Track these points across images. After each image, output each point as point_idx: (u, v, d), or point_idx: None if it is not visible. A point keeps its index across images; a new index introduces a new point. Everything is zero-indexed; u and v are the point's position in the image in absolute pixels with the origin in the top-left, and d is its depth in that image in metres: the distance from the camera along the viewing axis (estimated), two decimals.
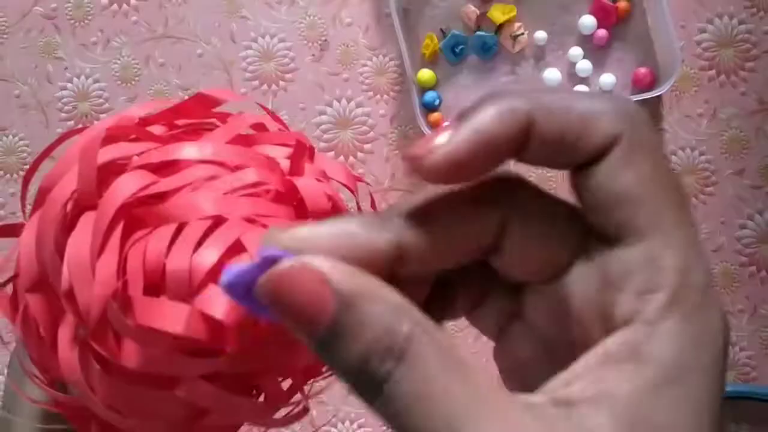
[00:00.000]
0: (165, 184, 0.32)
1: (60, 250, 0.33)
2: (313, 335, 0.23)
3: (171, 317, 0.29)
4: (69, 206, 0.35)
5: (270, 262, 0.24)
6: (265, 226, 0.31)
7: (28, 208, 0.37)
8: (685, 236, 0.25)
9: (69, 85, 0.84)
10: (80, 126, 0.81)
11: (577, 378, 0.24)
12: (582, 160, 0.25)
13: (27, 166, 0.83)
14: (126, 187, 0.31)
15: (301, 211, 0.34)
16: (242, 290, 0.25)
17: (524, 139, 0.25)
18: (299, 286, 0.23)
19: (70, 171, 0.34)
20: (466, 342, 0.82)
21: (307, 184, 0.33)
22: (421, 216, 0.25)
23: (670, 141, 0.83)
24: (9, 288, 0.37)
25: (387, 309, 0.23)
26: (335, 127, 0.84)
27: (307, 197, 0.33)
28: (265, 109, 0.40)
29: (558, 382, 0.25)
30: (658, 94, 0.80)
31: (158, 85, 0.84)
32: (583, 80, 0.83)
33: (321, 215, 0.33)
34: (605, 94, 0.27)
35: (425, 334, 0.23)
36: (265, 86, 0.84)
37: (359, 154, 0.84)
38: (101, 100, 0.84)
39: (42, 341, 0.34)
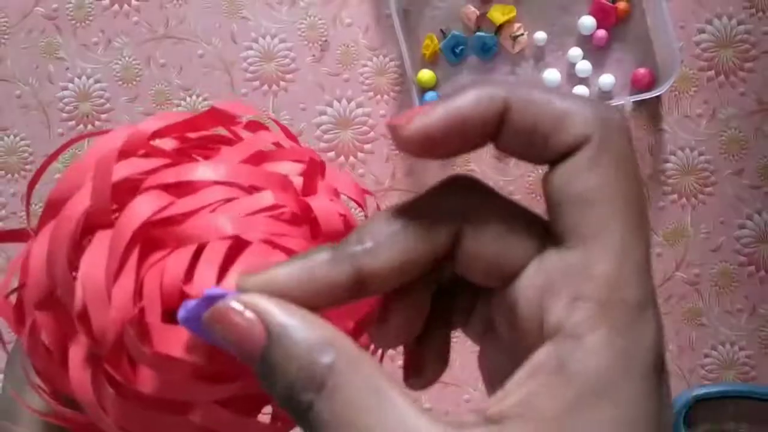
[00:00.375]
0: (181, 206, 0.32)
1: (71, 268, 0.32)
2: (252, 365, 0.25)
3: (190, 345, 0.29)
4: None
5: (214, 299, 0.26)
6: (285, 249, 0.31)
7: (32, 211, 0.37)
8: (627, 248, 0.24)
9: (70, 85, 0.84)
10: (86, 132, 0.81)
11: (510, 392, 0.24)
12: (553, 156, 0.25)
13: (28, 166, 0.83)
14: (142, 209, 0.31)
15: (315, 230, 0.34)
16: (196, 324, 0.27)
17: (498, 124, 0.25)
18: (236, 321, 0.26)
19: (84, 186, 0.33)
20: (465, 344, 0.82)
21: (320, 206, 0.33)
22: (378, 240, 0.27)
23: (670, 141, 0.83)
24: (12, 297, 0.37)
25: (313, 342, 0.25)
26: (336, 127, 0.84)
27: (321, 219, 0.33)
28: (279, 124, 0.39)
29: (495, 397, 0.25)
30: (658, 94, 0.80)
31: (159, 86, 0.84)
32: (583, 81, 0.83)
33: (334, 235, 0.33)
34: (587, 98, 0.27)
35: (348, 365, 0.24)
36: (265, 87, 0.84)
37: (359, 155, 0.84)
38: (102, 101, 0.84)
39: (50, 357, 0.34)
